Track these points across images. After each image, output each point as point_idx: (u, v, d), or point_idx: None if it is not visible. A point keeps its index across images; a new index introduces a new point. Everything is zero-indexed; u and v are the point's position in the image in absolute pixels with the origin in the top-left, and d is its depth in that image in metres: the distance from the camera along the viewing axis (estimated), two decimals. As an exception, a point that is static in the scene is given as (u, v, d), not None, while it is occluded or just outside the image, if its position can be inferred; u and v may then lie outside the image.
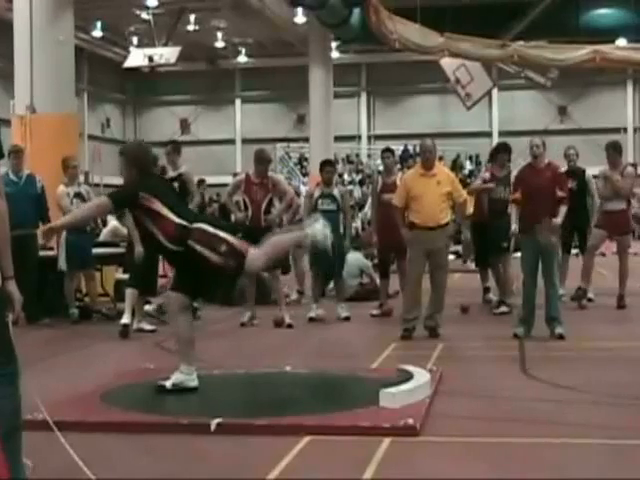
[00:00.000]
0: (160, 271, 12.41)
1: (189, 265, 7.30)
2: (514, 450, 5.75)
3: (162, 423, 6.32)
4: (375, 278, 13.91)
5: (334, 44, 33.68)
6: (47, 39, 15.30)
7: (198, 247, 7.19)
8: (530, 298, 10.24)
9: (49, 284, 12.56)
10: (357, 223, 20.71)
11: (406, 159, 33.30)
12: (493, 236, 12.59)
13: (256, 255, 7.30)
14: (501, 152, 13.21)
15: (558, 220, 10.20)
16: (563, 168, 12.10)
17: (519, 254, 10.86)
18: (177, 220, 7.23)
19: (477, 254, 13.49)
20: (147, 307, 12.45)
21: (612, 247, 14.20)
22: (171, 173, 11.95)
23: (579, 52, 18.12)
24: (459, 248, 21.86)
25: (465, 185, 17.12)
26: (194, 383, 7.28)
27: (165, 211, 7.25)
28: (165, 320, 11.32)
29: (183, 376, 7.28)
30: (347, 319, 12.07)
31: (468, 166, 36.58)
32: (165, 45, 31.26)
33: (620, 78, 39.92)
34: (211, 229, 7.23)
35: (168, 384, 7.22)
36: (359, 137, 42.97)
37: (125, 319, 11.04)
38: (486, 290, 13.24)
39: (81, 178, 13.42)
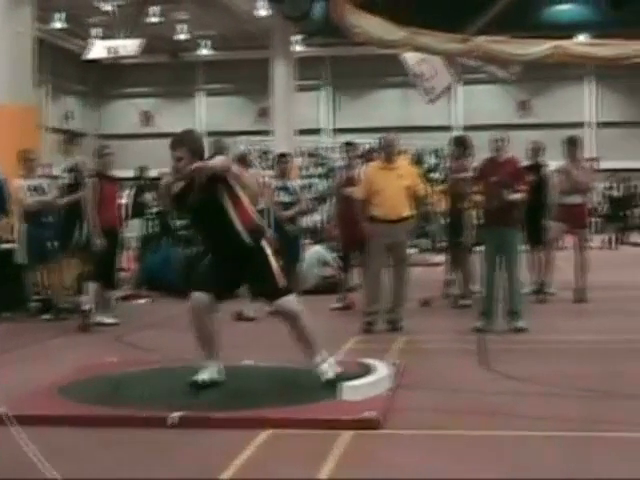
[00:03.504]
0: (120, 264, 12.35)
1: (246, 265, 7.11)
2: (474, 442, 5.79)
3: (121, 416, 6.29)
4: (337, 271, 13.92)
5: (297, 37, 33.62)
6: (5, 31, 15.17)
7: (268, 250, 7.15)
8: (491, 292, 10.29)
9: (9, 277, 12.45)
10: (320, 216, 20.70)
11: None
12: (456, 230, 12.64)
13: (293, 300, 7.18)
14: (455, 145, 13.29)
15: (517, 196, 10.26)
16: (524, 162, 12.18)
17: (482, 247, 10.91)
18: (253, 214, 7.23)
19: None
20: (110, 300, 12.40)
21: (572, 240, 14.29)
22: (66, 163, 12.10)
23: (540, 47, 18.13)
24: (423, 241, 21.97)
25: (428, 179, 17.19)
26: (222, 377, 7.18)
27: (245, 200, 7.20)
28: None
29: (212, 371, 7.13)
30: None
31: (430, 160, 36.64)
32: (127, 37, 31.05)
33: (580, 73, 40.16)
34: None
35: (200, 379, 7.06)
36: (322, 130, 42.94)
37: (86, 311, 11.00)
38: (449, 283, 13.27)
39: (41, 171, 13.30)
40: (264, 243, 7.16)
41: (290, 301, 7.13)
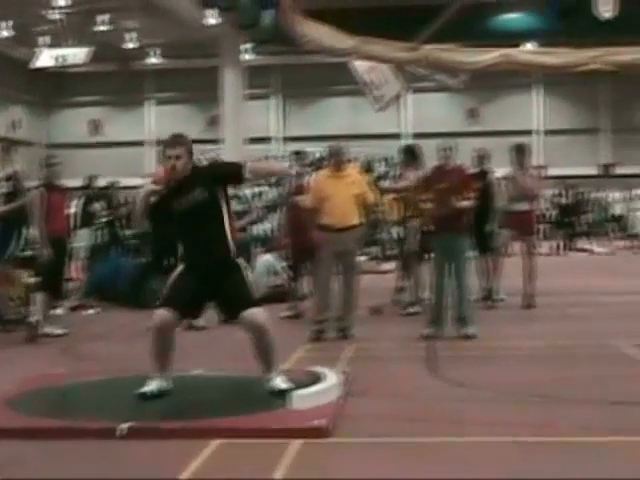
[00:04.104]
0: (68, 274, 12.25)
1: (222, 280, 7.04)
2: (424, 449, 5.81)
3: (71, 428, 6.23)
4: (287, 280, 13.91)
5: (247, 46, 33.60)
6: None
7: (243, 268, 7.16)
8: (440, 299, 10.35)
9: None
10: (270, 225, 20.69)
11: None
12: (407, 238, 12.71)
13: (260, 312, 7.12)
14: (404, 154, 13.39)
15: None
16: (472, 170, 12.27)
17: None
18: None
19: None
20: (58, 311, 12.30)
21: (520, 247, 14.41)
22: (4, 172, 12.00)
23: (488, 55, 18.29)
24: (373, 249, 22.02)
25: (377, 187, 17.22)
26: (170, 386, 7.08)
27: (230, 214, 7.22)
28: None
29: (160, 382, 7.03)
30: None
31: (380, 168, 36.78)
32: (76, 46, 30.82)
33: (528, 81, 40.54)
34: None
35: (148, 390, 6.95)
36: (271, 139, 42.93)
37: (33, 322, 10.90)
38: (400, 290, 13.30)
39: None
40: (240, 259, 7.19)
41: (261, 314, 7.09)
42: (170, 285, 7.16)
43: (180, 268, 7.20)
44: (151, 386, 6.98)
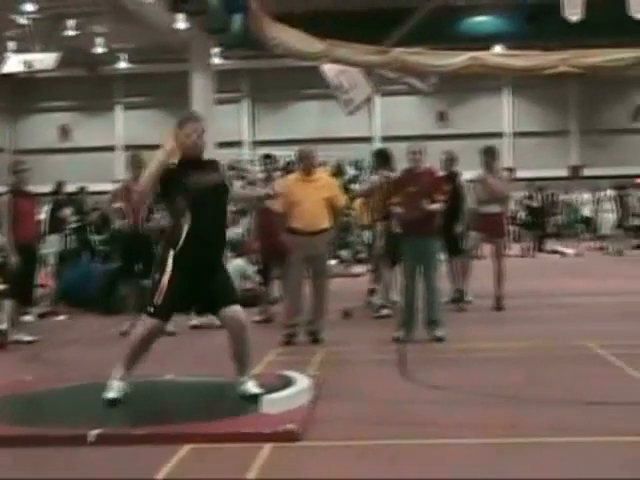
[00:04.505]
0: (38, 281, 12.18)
1: (213, 275, 6.98)
2: (395, 452, 5.81)
3: (41, 435, 6.19)
4: (256, 284, 13.89)
5: (216, 50, 33.53)
6: None
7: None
8: (410, 302, 10.37)
9: None
10: (240, 229, 20.61)
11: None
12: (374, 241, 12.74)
13: (241, 309, 7.08)
14: (376, 158, 13.45)
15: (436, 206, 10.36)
16: (441, 172, 12.31)
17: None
18: None
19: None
20: (27, 318, 12.23)
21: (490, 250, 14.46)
22: None
23: (458, 58, 18.33)
24: (343, 252, 22.04)
25: (347, 190, 17.26)
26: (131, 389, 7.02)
27: None
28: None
29: (124, 386, 6.97)
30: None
31: (350, 171, 36.83)
32: (44, 51, 30.65)
33: (497, 84, 40.75)
34: None
35: (115, 396, 6.90)
36: (242, 143, 42.88)
37: (2, 329, 10.83)
38: (372, 292, 13.31)
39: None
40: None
41: (242, 311, 7.09)
42: (162, 292, 6.89)
43: (169, 265, 6.91)
44: (116, 392, 6.92)
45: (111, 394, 6.90)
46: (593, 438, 5.96)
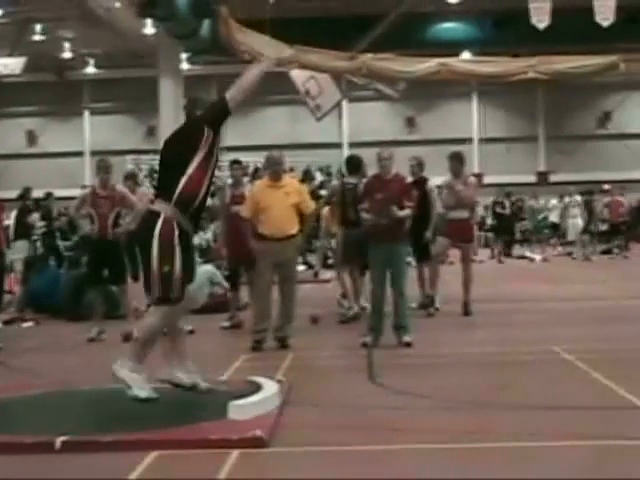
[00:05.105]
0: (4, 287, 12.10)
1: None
2: (363, 458, 5.81)
3: (7, 443, 6.14)
4: (226, 290, 13.87)
5: (184, 55, 33.47)
6: None
7: None
8: (378, 307, 10.37)
9: None
10: (208, 235, 20.58)
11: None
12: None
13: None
14: (346, 164, 13.53)
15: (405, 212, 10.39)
16: (409, 178, 12.35)
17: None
18: None
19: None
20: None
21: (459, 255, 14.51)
22: None
23: (426, 65, 18.38)
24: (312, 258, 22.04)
25: (316, 196, 17.27)
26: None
27: None
28: None
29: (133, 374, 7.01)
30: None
31: (319, 177, 36.88)
32: (10, 55, 30.51)
33: (465, 90, 40.92)
34: None
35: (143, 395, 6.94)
36: (210, 148, 42.83)
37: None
38: (343, 295, 13.29)
39: None
40: None
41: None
42: (177, 282, 7.13)
43: (177, 252, 7.04)
44: (146, 391, 6.95)
45: (143, 393, 6.91)
46: (559, 442, 5.98)
